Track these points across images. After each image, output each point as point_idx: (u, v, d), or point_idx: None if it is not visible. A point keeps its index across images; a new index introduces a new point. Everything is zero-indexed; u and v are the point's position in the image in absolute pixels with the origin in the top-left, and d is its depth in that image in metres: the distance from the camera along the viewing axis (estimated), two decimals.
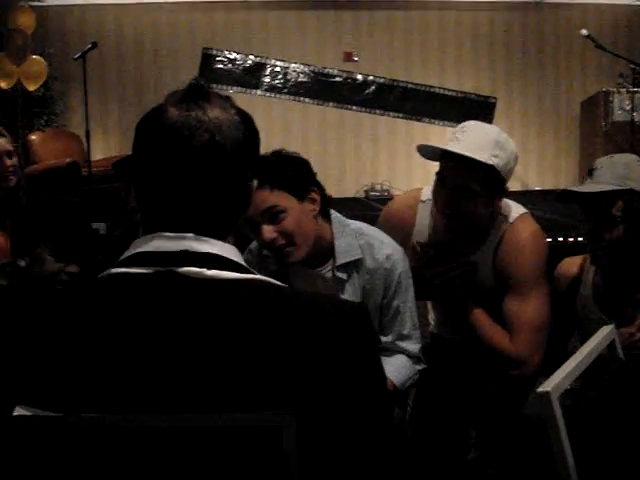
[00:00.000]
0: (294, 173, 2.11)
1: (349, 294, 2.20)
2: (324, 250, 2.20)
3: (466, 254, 2.38)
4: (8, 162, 3.45)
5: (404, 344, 2.27)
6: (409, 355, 2.28)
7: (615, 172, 2.07)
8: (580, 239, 5.28)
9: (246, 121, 1.20)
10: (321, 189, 2.17)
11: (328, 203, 2.22)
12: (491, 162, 2.16)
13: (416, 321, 2.30)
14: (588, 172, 2.14)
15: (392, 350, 2.26)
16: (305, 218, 2.10)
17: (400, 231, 2.44)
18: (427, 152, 2.31)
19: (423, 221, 2.45)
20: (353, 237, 2.22)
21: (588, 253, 2.22)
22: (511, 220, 2.35)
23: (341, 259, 2.19)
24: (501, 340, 2.26)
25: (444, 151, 2.23)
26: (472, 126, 2.28)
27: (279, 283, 1.17)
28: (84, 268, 2.75)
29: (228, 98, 1.21)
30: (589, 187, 2.09)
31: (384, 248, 2.22)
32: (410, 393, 2.58)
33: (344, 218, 2.27)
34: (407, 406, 2.57)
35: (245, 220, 1.97)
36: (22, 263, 2.88)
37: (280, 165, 2.10)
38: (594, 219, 2.08)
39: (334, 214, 2.25)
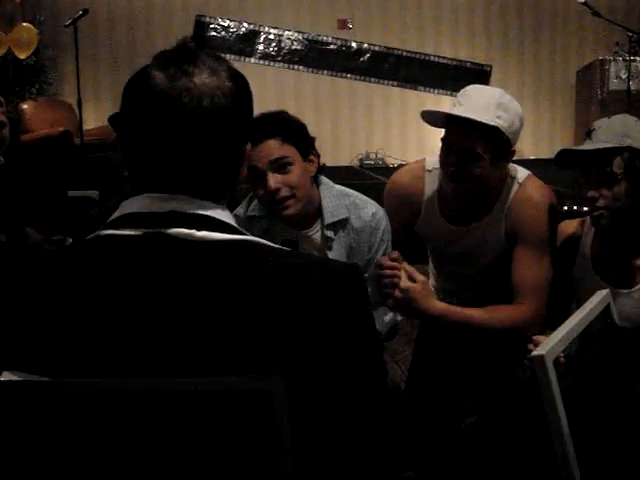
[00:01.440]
0: (302, 133, 2.24)
1: (336, 252, 2.31)
2: (312, 212, 2.31)
3: (478, 218, 2.40)
4: None
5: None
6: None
7: (613, 131, 2.06)
8: (575, 208, 5.27)
9: (238, 85, 1.17)
10: (318, 155, 2.29)
11: (321, 170, 2.33)
12: (494, 123, 2.15)
13: None
14: (586, 134, 2.13)
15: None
16: (305, 176, 2.22)
17: (408, 202, 2.47)
18: (432, 119, 2.31)
19: (431, 190, 2.45)
20: (339, 198, 2.34)
21: (588, 216, 2.21)
22: (520, 181, 2.37)
23: (329, 218, 2.30)
24: (513, 315, 2.24)
25: (448, 116, 2.23)
26: (474, 89, 2.28)
27: (271, 244, 1.15)
28: (69, 233, 2.73)
29: (220, 59, 1.18)
30: (586, 146, 2.09)
31: (369, 207, 2.36)
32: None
33: (329, 181, 2.38)
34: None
35: (249, 168, 2.11)
36: (2, 238, 2.81)
37: (290, 122, 2.23)
38: (594, 178, 2.07)
39: (321, 178, 2.36)
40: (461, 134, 2.20)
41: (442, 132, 2.30)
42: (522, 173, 2.40)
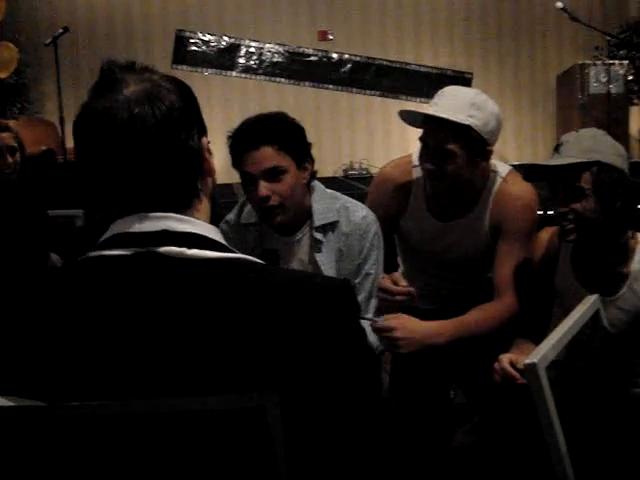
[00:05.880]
0: (299, 140, 2.23)
1: (325, 255, 2.30)
2: (303, 214, 2.31)
3: (462, 214, 2.45)
4: (9, 159, 3.27)
5: (374, 301, 2.35)
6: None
7: (581, 145, 2.08)
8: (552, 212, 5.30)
9: (176, 85, 1.17)
10: (312, 161, 2.29)
11: (314, 175, 2.32)
12: (467, 122, 2.21)
13: None
14: (555, 148, 2.16)
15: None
16: (298, 184, 2.21)
17: (396, 195, 2.52)
18: (411, 119, 2.37)
19: (418, 185, 2.50)
20: (330, 201, 2.34)
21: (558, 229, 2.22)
22: (503, 175, 2.43)
23: (318, 221, 2.29)
24: (497, 315, 2.31)
25: (424, 116, 2.29)
26: (450, 90, 2.35)
27: (260, 261, 1.15)
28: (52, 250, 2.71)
29: (148, 68, 1.18)
30: (555, 161, 2.10)
31: (359, 210, 2.36)
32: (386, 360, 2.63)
33: (321, 185, 2.38)
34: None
35: (242, 173, 2.17)
36: None
37: (288, 129, 2.21)
38: (563, 193, 2.09)
39: (314, 182, 2.36)
40: (435, 133, 2.27)
41: None
42: (504, 168, 2.46)
